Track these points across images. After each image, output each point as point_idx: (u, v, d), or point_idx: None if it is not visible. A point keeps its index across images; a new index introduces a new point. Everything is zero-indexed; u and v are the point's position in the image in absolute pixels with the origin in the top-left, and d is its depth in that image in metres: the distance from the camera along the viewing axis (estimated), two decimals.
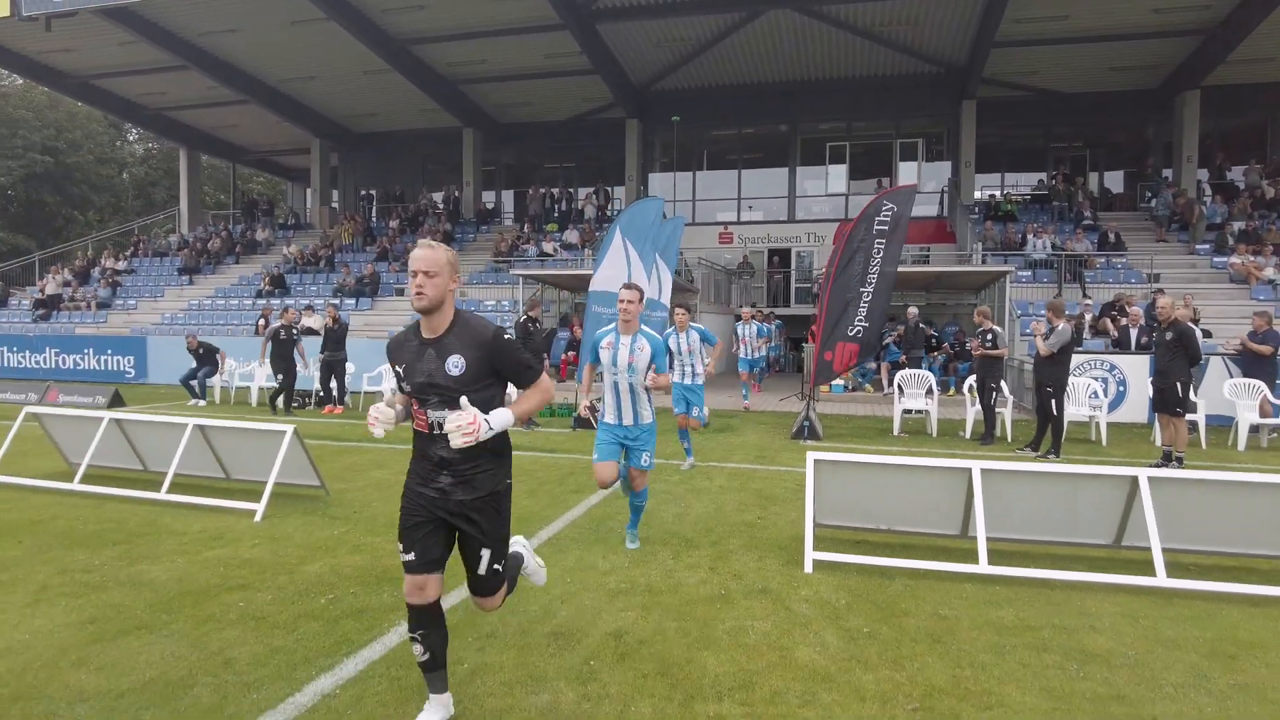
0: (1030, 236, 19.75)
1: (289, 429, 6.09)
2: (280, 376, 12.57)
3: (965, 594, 4.44)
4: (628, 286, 5.00)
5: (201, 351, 14.02)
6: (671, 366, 8.07)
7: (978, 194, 25.02)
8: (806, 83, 25.10)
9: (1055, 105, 24.75)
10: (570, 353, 17.64)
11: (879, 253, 9.97)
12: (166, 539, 5.44)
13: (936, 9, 20.05)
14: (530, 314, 11.27)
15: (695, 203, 27.66)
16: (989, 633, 3.89)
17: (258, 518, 5.89)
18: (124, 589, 4.43)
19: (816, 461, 5.17)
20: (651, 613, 4.10)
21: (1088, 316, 15.21)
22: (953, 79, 23.62)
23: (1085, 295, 17.37)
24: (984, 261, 18.80)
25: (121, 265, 27.01)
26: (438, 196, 29.81)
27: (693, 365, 8.34)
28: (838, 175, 27.11)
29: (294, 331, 12.84)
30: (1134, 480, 4.76)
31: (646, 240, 10.70)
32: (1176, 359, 8.10)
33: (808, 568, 4.82)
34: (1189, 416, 9.96)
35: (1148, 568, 4.60)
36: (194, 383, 13.77)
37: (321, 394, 13.40)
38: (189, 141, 32.31)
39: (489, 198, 29.64)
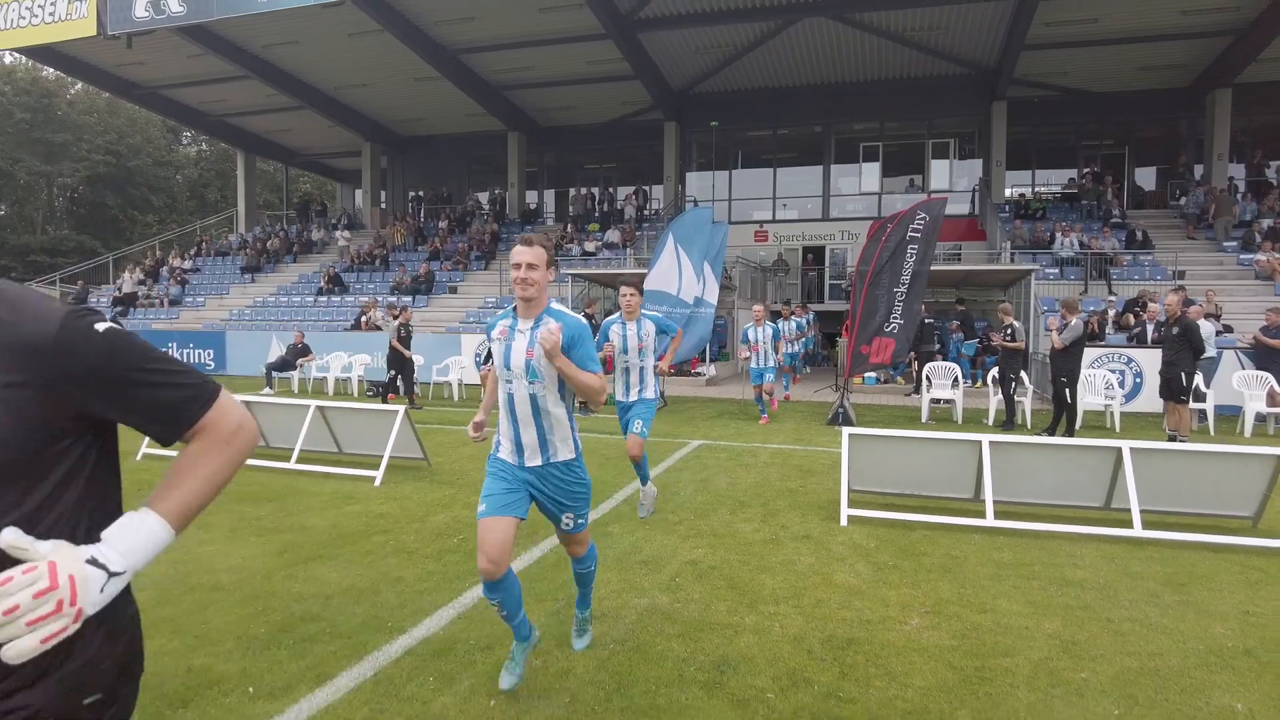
0: (1058, 235, 20.38)
1: (400, 409, 7.22)
2: (393, 371, 13.55)
3: (974, 541, 5.41)
4: (526, 241, 3.21)
5: (299, 347, 15.27)
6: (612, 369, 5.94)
7: (1009, 191, 25.62)
8: (840, 85, 25.86)
9: (1086, 104, 25.23)
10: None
11: (913, 255, 10.87)
12: (308, 497, 6.58)
13: (966, 15, 20.73)
14: (588, 311, 12.37)
15: (731, 202, 28.53)
16: (990, 567, 4.86)
17: (377, 482, 7.01)
18: (293, 533, 5.56)
19: (850, 435, 6.15)
20: (717, 549, 5.13)
21: (1111, 312, 15.90)
22: (983, 80, 24.24)
23: (1111, 292, 18.02)
24: (1012, 260, 19.49)
25: (188, 264, 28.64)
26: (483, 197, 31.09)
27: (642, 369, 5.94)
28: (871, 174, 27.83)
29: (410, 329, 13.89)
30: (1119, 450, 5.68)
31: (695, 245, 11.71)
32: (1181, 351, 8.92)
33: (843, 521, 5.82)
34: (1200, 405, 10.78)
35: (1129, 523, 5.51)
36: (275, 373, 15.06)
37: (386, 385, 14.59)
38: (246, 145, 33.90)
39: (531, 197, 30.81)
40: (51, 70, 36.93)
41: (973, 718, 3.02)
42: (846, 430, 6.19)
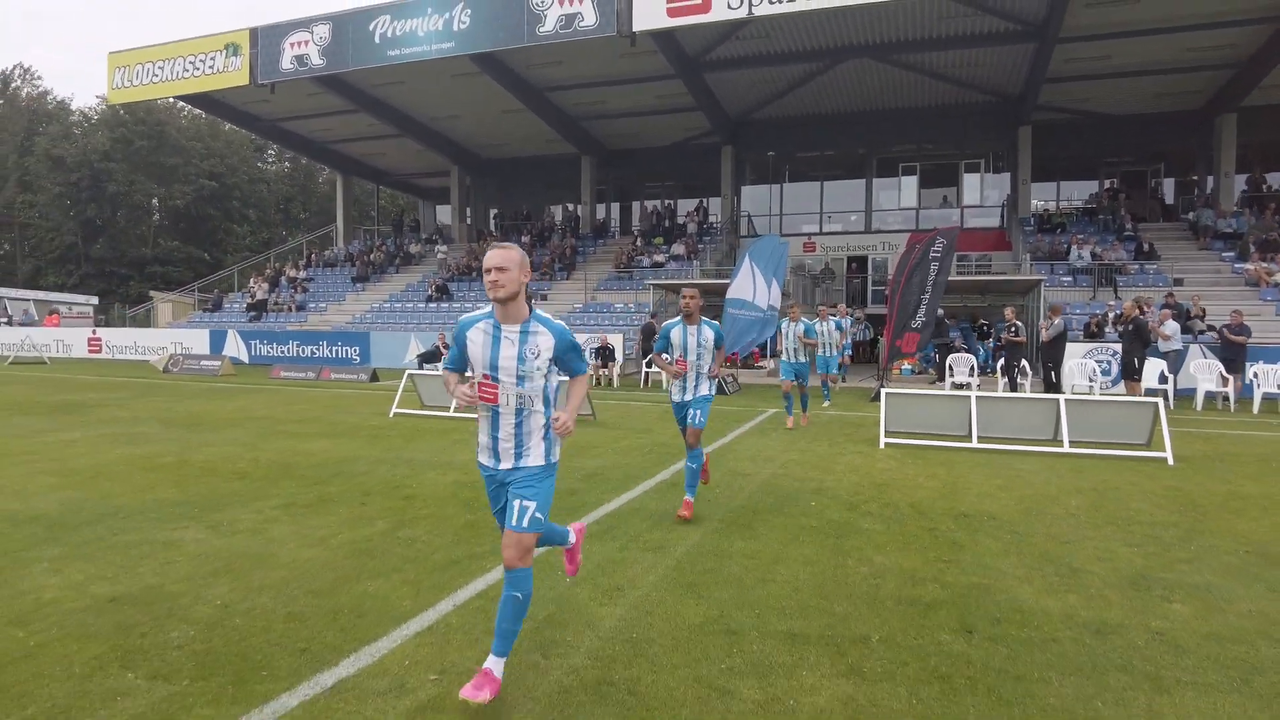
0: (1073, 247, 23.33)
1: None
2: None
3: (962, 454, 8.77)
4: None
5: (444, 344, 19.12)
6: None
7: (1035, 203, 28.54)
8: (880, 111, 29.00)
9: (1107, 126, 27.98)
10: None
11: (934, 269, 14.15)
12: None
13: (992, 54, 23.82)
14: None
15: (782, 216, 31.86)
16: (971, 465, 8.22)
17: None
18: None
19: (887, 393, 9.53)
20: (805, 455, 8.59)
21: (1111, 315, 18.90)
22: (1010, 107, 27.20)
23: (1116, 296, 20.96)
24: (1030, 270, 22.52)
25: (302, 275, 32.80)
26: (556, 211, 34.80)
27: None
28: (909, 189, 30.95)
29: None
30: (1058, 401, 8.98)
31: (768, 264, 15.12)
32: (1133, 343, 12.10)
33: (881, 445, 9.22)
34: (1164, 386, 13.91)
35: (1062, 444, 8.81)
36: (425, 364, 18.81)
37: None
38: (344, 168, 38.07)
39: (599, 210, 34.41)
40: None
41: (944, 505, 6.40)
42: (884, 390, 9.57)
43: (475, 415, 3.48)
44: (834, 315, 16.84)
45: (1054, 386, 12.97)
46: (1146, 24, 21.11)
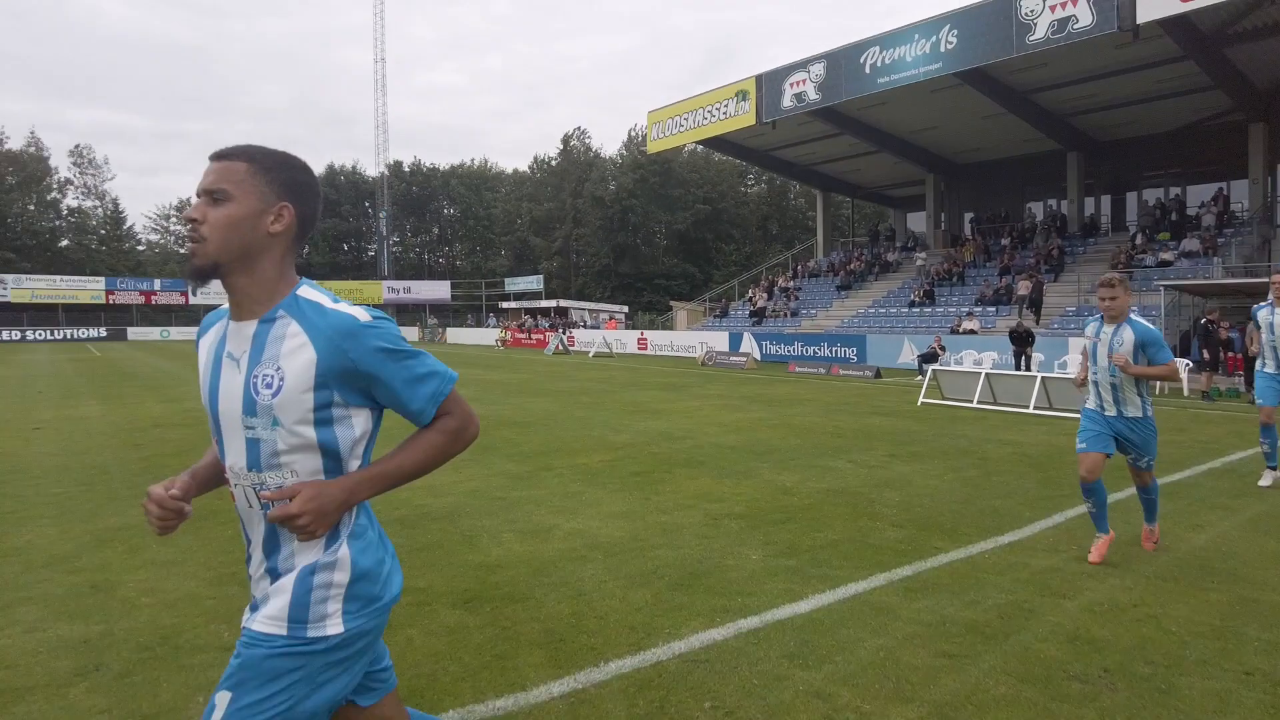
0: None
1: (1038, 376, 11.88)
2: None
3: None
4: None
5: (939, 349, 21.18)
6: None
7: None
8: None
9: None
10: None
11: None
12: (1056, 424, 11.61)
13: None
14: (1210, 317, 15.44)
15: None
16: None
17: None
18: (1068, 432, 10.58)
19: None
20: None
21: None
22: None
23: None
24: None
25: (792, 284, 37.22)
26: (1035, 208, 34.00)
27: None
28: None
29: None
30: None
31: None
32: None
33: None
34: None
35: None
36: (925, 364, 20.83)
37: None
38: (823, 186, 41.83)
39: (1086, 205, 32.71)
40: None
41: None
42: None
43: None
44: None
45: None
46: None
